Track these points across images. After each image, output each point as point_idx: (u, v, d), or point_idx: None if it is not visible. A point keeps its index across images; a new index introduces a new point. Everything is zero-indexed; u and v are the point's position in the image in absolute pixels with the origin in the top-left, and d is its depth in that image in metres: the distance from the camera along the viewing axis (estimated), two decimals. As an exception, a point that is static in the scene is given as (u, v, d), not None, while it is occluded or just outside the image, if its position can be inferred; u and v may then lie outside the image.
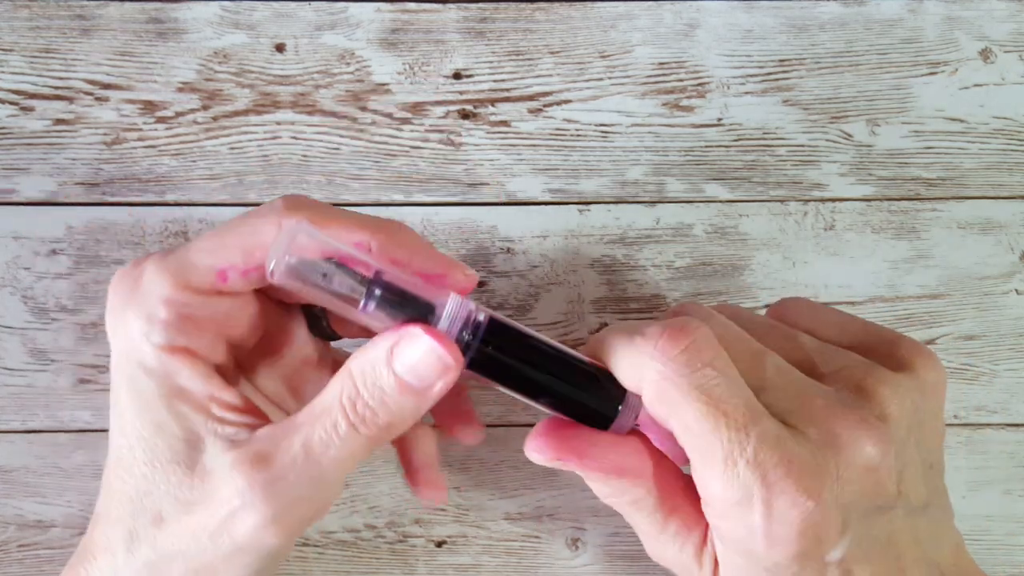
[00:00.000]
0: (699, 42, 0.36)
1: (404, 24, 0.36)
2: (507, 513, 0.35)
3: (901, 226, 0.36)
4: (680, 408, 0.25)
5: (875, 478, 0.26)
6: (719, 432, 0.25)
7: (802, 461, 0.25)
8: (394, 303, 0.25)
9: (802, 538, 0.25)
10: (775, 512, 0.25)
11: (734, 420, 0.25)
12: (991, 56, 0.36)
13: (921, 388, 0.27)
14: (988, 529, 0.36)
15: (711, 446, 0.25)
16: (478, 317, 0.26)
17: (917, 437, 0.27)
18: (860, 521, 0.26)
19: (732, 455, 0.25)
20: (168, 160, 0.35)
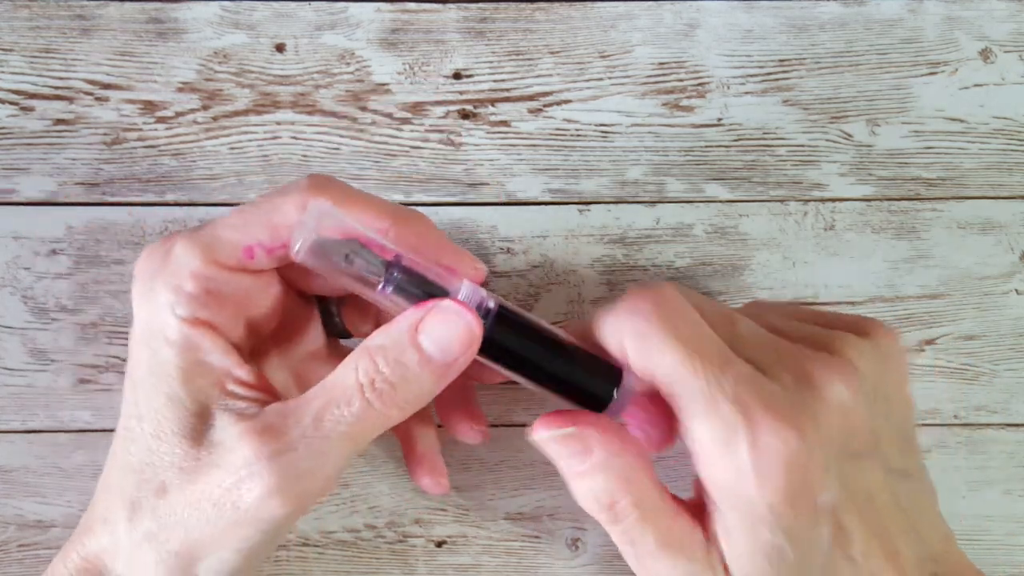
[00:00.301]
0: (699, 42, 0.36)
1: (404, 24, 0.36)
2: (507, 513, 0.35)
3: (901, 226, 0.36)
4: (660, 358, 0.26)
5: (849, 421, 0.27)
6: (698, 375, 0.26)
7: (780, 397, 0.26)
8: (411, 286, 0.26)
9: (789, 472, 0.26)
10: (760, 446, 0.25)
11: (711, 362, 0.26)
12: (991, 56, 0.36)
13: (883, 356, 0.29)
14: (988, 529, 0.36)
15: (693, 390, 0.26)
16: (489, 304, 0.27)
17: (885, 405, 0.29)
18: (841, 464, 0.27)
19: (714, 396, 0.26)
20: (168, 160, 0.35)
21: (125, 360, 0.35)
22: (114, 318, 0.35)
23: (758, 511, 0.26)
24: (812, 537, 0.27)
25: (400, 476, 0.35)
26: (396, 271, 0.26)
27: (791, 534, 0.26)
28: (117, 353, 0.35)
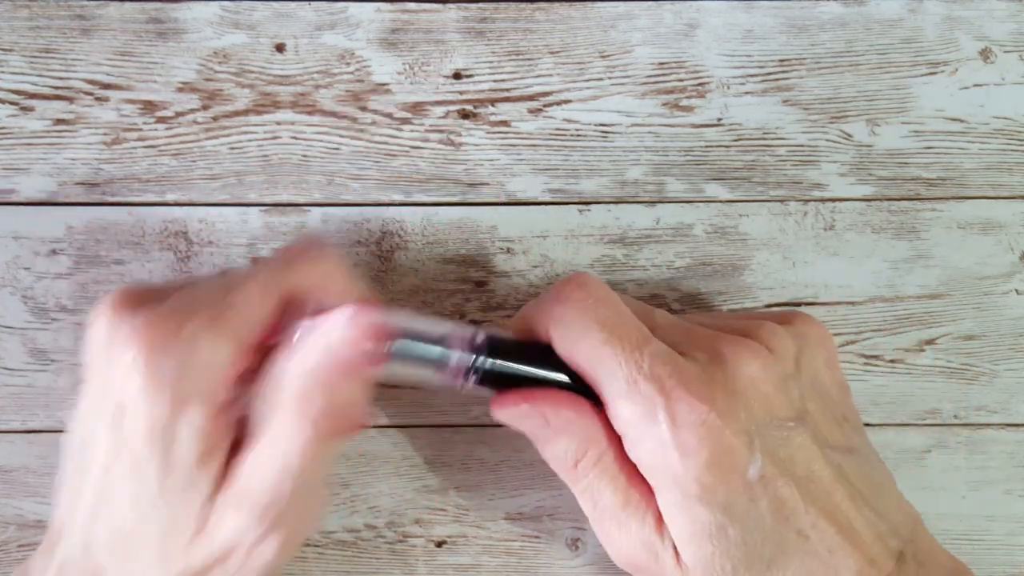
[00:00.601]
0: (699, 42, 0.36)
1: (404, 24, 0.36)
2: (507, 513, 0.36)
3: (901, 226, 0.36)
4: (581, 341, 0.28)
5: (764, 391, 0.28)
6: (617, 355, 0.27)
7: (692, 373, 0.27)
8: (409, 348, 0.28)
9: (708, 442, 0.27)
10: (678, 419, 0.27)
11: (628, 343, 0.27)
12: (991, 56, 0.36)
13: (802, 336, 0.30)
14: (988, 529, 0.36)
15: (613, 370, 0.27)
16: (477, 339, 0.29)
17: (814, 384, 0.30)
18: (765, 435, 0.27)
19: (632, 374, 0.27)
20: (168, 160, 0.35)
21: (125, 360, 0.35)
22: (114, 318, 0.35)
23: (689, 488, 0.27)
24: (751, 512, 0.27)
25: (400, 476, 0.35)
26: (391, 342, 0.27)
27: (728, 510, 0.27)
28: (117, 353, 0.35)
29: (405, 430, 0.35)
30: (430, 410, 0.35)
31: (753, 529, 0.27)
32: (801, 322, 0.31)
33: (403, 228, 0.35)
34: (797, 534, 0.27)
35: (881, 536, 0.28)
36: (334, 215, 0.35)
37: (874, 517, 0.28)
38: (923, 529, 0.30)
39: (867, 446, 0.31)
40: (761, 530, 0.27)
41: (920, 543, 0.29)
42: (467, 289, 0.35)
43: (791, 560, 0.27)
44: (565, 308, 0.28)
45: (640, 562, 0.29)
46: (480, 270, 0.36)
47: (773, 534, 0.27)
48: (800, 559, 0.27)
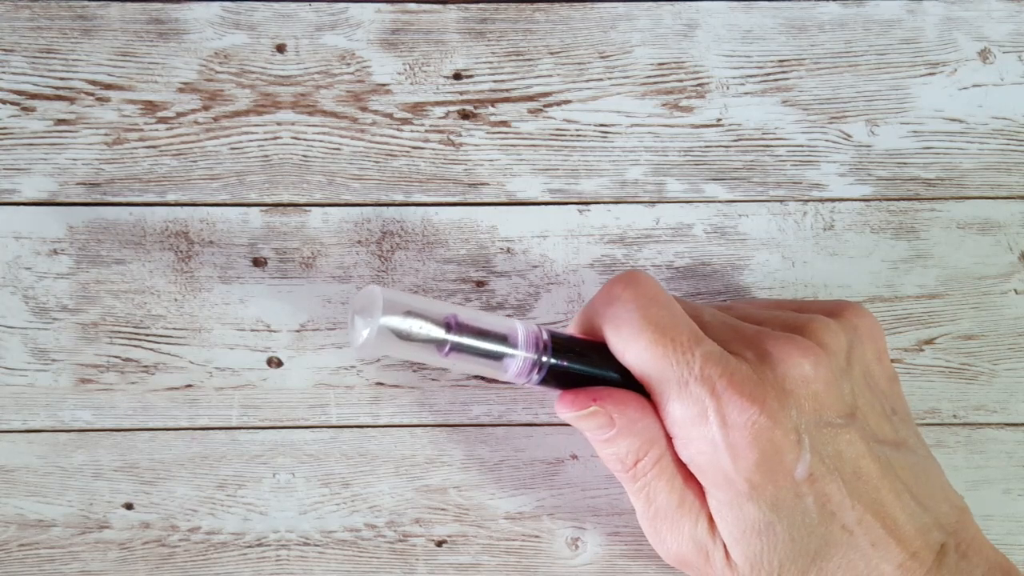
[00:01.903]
0: (698, 42, 0.36)
1: (404, 24, 0.36)
2: (507, 513, 0.36)
3: (900, 226, 0.36)
4: (633, 342, 0.28)
5: (815, 390, 0.28)
6: (668, 356, 0.28)
7: (743, 373, 0.27)
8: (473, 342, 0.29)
9: (758, 443, 0.27)
10: (728, 420, 0.27)
11: (680, 344, 0.28)
12: (990, 56, 0.36)
13: (853, 329, 0.30)
14: (987, 528, 0.36)
15: (664, 371, 0.28)
16: (543, 336, 0.29)
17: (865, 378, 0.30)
18: (814, 433, 0.28)
19: (683, 375, 0.27)
20: (169, 160, 0.35)
21: (126, 360, 0.35)
22: (115, 318, 0.35)
23: (739, 487, 0.27)
24: (798, 508, 0.28)
25: (400, 476, 0.35)
26: (456, 331, 0.28)
27: (776, 507, 0.27)
28: (118, 353, 0.35)
29: (405, 430, 0.35)
30: (430, 410, 0.36)
31: (799, 525, 0.28)
32: (852, 313, 0.31)
33: (403, 228, 0.36)
34: (842, 528, 0.28)
35: (924, 529, 0.28)
36: (334, 215, 0.35)
37: (919, 511, 0.28)
38: (970, 520, 0.30)
39: (915, 436, 0.31)
40: (807, 525, 0.28)
41: (964, 534, 0.29)
42: (467, 289, 0.36)
43: (834, 553, 0.28)
44: (617, 308, 0.28)
45: (691, 560, 0.30)
46: (480, 270, 0.36)
47: (819, 529, 0.28)
48: (843, 553, 0.28)
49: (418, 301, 0.29)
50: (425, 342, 0.28)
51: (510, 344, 0.29)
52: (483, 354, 0.29)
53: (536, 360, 0.29)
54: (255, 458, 0.35)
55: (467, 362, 0.29)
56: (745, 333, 0.29)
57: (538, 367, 0.29)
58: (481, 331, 0.29)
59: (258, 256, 0.35)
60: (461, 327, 0.28)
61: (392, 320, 0.27)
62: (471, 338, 0.29)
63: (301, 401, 0.35)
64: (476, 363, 0.29)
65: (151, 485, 0.35)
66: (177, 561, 0.35)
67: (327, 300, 0.35)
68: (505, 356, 0.29)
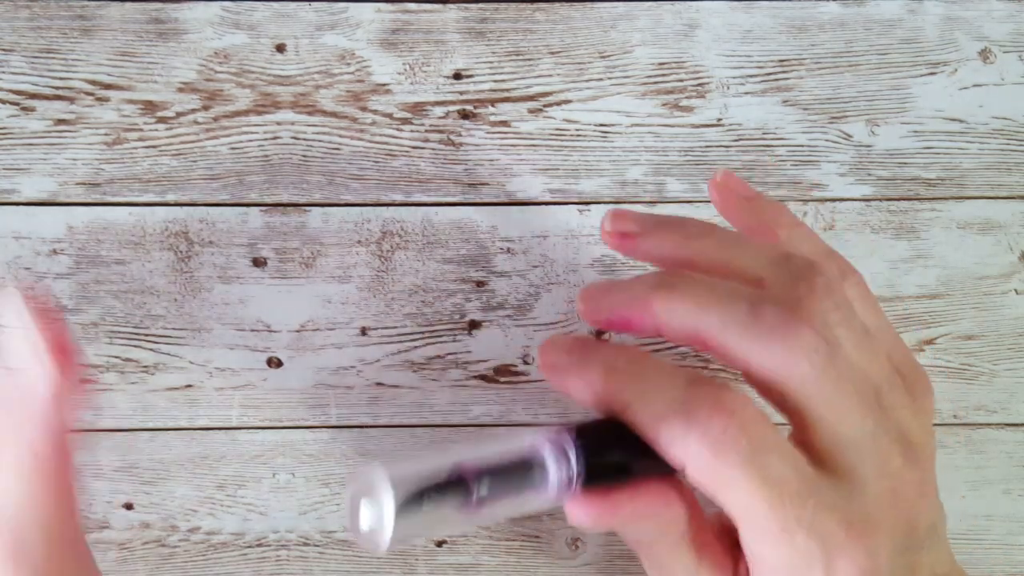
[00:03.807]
0: (699, 42, 0.36)
1: (404, 24, 0.36)
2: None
3: (900, 226, 0.36)
4: (730, 490, 0.24)
5: (913, 523, 0.26)
6: (775, 510, 0.24)
7: (862, 518, 0.25)
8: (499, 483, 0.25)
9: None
10: (836, 572, 0.25)
11: (791, 497, 0.24)
12: (990, 56, 0.36)
13: (931, 423, 0.28)
14: (987, 529, 0.36)
15: (767, 521, 0.24)
16: (569, 442, 0.25)
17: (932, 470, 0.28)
18: (899, 560, 0.26)
19: (788, 527, 0.24)
20: (168, 160, 0.35)
21: (126, 360, 0.35)
22: (114, 318, 0.35)
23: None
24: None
25: (400, 476, 0.35)
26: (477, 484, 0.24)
27: None
28: (118, 353, 0.35)
29: (405, 430, 0.35)
30: (430, 410, 0.36)
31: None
32: (931, 404, 0.28)
33: (403, 228, 0.36)
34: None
35: None
36: (334, 215, 0.35)
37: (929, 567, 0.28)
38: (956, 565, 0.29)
39: (938, 504, 0.29)
40: None
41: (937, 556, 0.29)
42: (467, 289, 0.36)
43: None
44: (711, 453, 0.24)
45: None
46: (480, 270, 0.36)
47: None
48: None
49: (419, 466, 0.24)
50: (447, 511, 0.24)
51: (536, 467, 0.25)
52: (514, 491, 0.25)
53: (571, 474, 0.25)
54: (255, 458, 0.35)
55: (500, 508, 0.25)
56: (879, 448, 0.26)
57: (576, 478, 0.25)
58: (501, 468, 0.25)
59: (258, 256, 0.35)
60: (478, 474, 0.24)
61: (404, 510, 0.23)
62: (495, 482, 0.24)
63: (301, 401, 0.35)
64: (510, 505, 0.25)
65: (151, 485, 0.35)
66: (177, 561, 0.35)
67: (327, 300, 0.35)
68: (537, 482, 0.25)
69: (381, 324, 0.35)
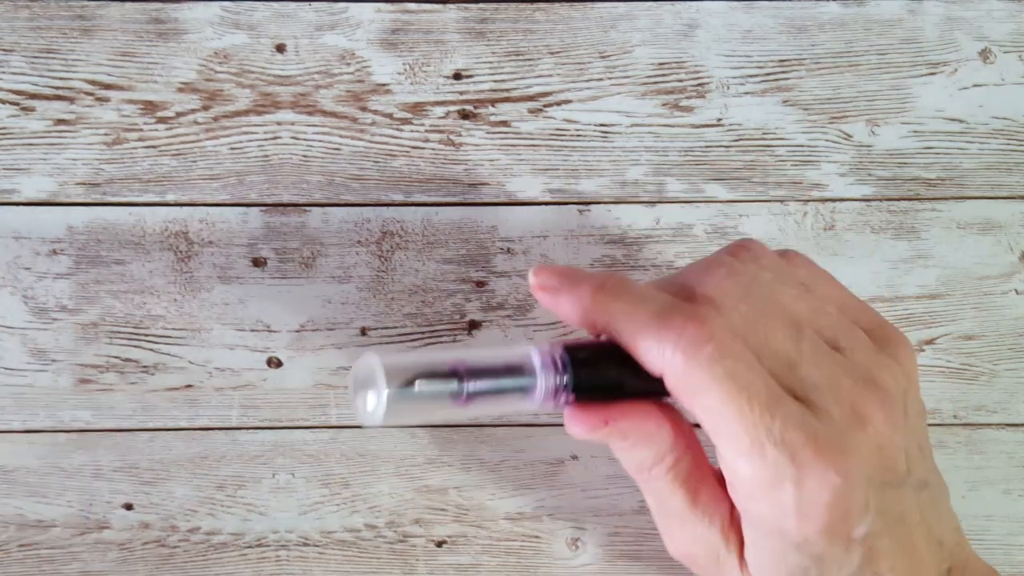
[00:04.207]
0: (699, 42, 0.36)
1: (404, 24, 0.36)
2: (507, 513, 0.35)
3: (901, 226, 0.36)
4: (703, 396, 0.26)
5: (887, 455, 0.27)
6: (744, 416, 0.25)
7: (826, 438, 0.26)
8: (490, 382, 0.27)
9: (830, 511, 0.26)
10: (806, 490, 0.25)
11: (759, 403, 0.25)
12: (991, 56, 0.36)
13: (907, 375, 0.29)
14: (988, 529, 0.36)
15: (737, 430, 0.25)
16: (559, 355, 0.27)
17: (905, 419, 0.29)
18: (878, 496, 0.27)
19: (759, 437, 0.25)
20: (168, 160, 0.35)
21: (126, 360, 0.35)
22: (114, 318, 0.35)
23: (792, 539, 0.26)
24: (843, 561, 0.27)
25: (400, 476, 0.35)
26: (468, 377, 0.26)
27: (820, 560, 0.27)
28: (117, 353, 0.35)
29: (405, 430, 0.35)
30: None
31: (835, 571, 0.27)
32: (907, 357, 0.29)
33: (403, 228, 0.35)
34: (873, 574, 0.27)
35: (940, 562, 0.28)
36: (334, 215, 0.35)
37: (937, 547, 0.28)
38: (963, 538, 0.30)
39: (934, 469, 0.30)
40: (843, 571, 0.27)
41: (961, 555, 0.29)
42: (467, 289, 0.36)
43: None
44: (687, 359, 0.26)
45: (699, 560, 0.29)
46: (480, 270, 0.36)
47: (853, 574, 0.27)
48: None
49: (420, 358, 0.26)
50: (439, 399, 0.26)
51: (527, 374, 0.27)
52: (503, 392, 0.27)
53: (558, 384, 0.27)
54: (255, 458, 0.35)
55: (488, 406, 0.27)
56: (839, 382, 0.27)
57: (562, 389, 0.27)
58: (494, 369, 0.27)
59: (258, 256, 0.35)
60: (472, 372, 0.26)
61: (399, 388, 0.26)
62: (486, 380, 0.27)
63: (301, 401, 0.35)
64: (498, 404, 0.27)
65: (151, 485, 0.35)
66: (177, 562, 0.35)
67: (327, 300, 0.35)
68: (526, 388, 0.27)
69: (381, 324, 0.35)
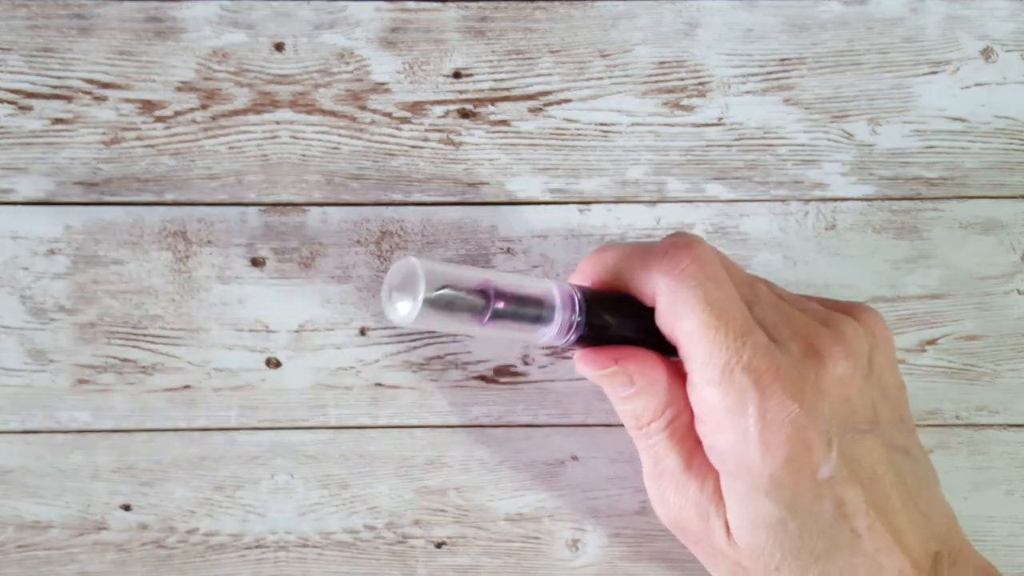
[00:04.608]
0: (700, 41, 0.36)
1: (403, 23, 0.36)
2: (507, 514, 0.35)
3: (902, 226, 0.36)
4: (686, 317, 0.27)
5: (848, 393, 0.28)
6: (719, 340, 0.27)
7: (787, 369, 0.27)
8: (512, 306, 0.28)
9: (791, 442, 0.27)
10: (768, 416, 0.27)
11: (733, 329, 0.27)
12: (993, 55, 0.36)
13: (872, 336, 0.30)
14: (990, 530, 0.36)
15: (711, 353, 0.27)
16: (577, 296, 0.29)
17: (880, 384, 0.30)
18: (841, 437, 0.28)
19: (730, 362, 0.27)
20: (167, 159, 0.35)
21: (124, 360, 0.35)
22: (112, 318, 0.35)
23: (760, 480, 0.27)
24: (813, 509, 0.28)
25: (399, 477, 0.35)
26: (495, 299, 0.28)
27: (792, 506, 0.27)
28: (116, 353, 0.35)
29: (404, 431, 0.35)
30: (430, 410, 0.35)
31: (812, 524, 0.28)
32: (871, 319, 0.30)
33: (403, 228, 0.35)
34: (851, 532, 0.28)
35: (924, 538, 0.29)
36: (333, 215, 0.35)
37: (921, 520, 0.29)
38: (958, 527, 0.30)
39: (918, 446, 0.31)
40: (818, 526, 0.28)
41: (954, 542, 0.30)
42: (467, 289, 0.35)
43: (839, 555, 0.28)
44: (676, 282, 0.28)
45: (689, 525, 0.30)
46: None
47: (829, 530, 0.28)
48: (848, 555, 0.28)
49: (454, 271, 0.28)
50: (464, 312, 0.27)
51: (547, 307, 0.28)
52: (521, 319, 0.28)
53: (571, 321, 0.29)
54: (253, 459, 0.35)
55: (505, 329, 0.28)
56: (792, 320, 0.29)
57: (573, 327, 0.29)
58: (518, 296, 0.28)
59: (256, 256, 0.35)
60: (499, 294, 0.28)
61: (432, 296, 0.27)
62: (509, 305, 0.28)
63: (300, 402, 0.35)
64: (514, 329, 0.28)
65: (149, 486, 0.35)
66: (175, 563, 0.35)
67: (326, 300, 0.35)
68: (542, 319, 0.28)
69: (380, 324, 0.35)
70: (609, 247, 0.30)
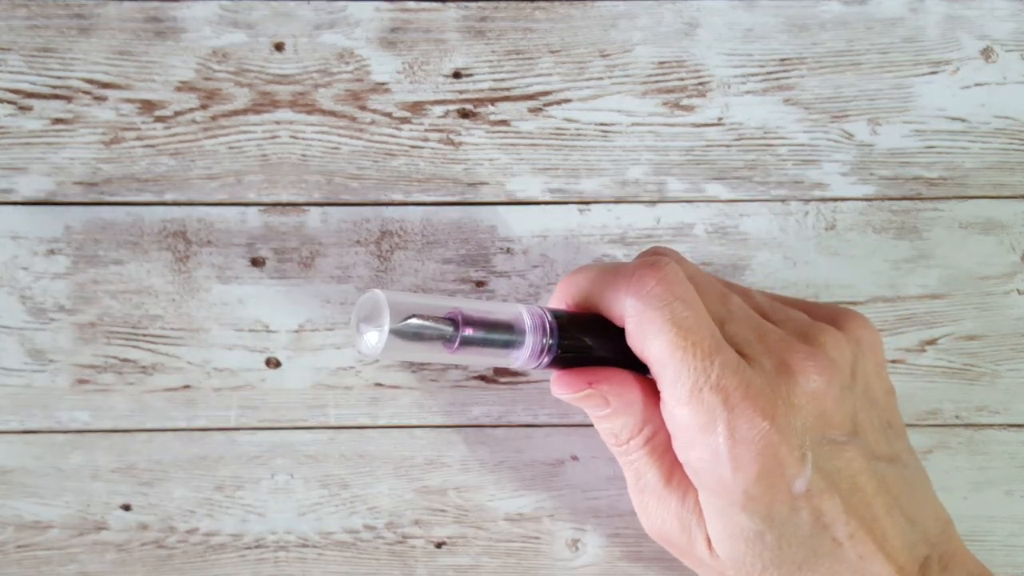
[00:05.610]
0: (700, 41, 0.36)
1: (403, 23, 0.36)
2: (507, 514, 0.35)
3: (902, 226, 0.36)
4: (654, 339, 0.28)
5: (823, 407, 0.28)
6: (687, 360, 0.27)
7: (758, 386, 0.27)
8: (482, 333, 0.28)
9: (762, 458, 0.27)
10: (737, 433, 0.27)
11: (701, 349, 0.27)
12: (993, 55, 0.36)
13: (857, 343, 0.30)
14: (990, 530, 0.36)
15: (680, 373, 0.27)
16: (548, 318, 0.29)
17: (866, 392, 0.30)
18: (816, 450, 0.28)
19: (698, 382, 0.27)
20: (167, 159, 0.35)
21: (124, 360, 0.35)
22: (112, 318, 0.35)
23: (734, 496, 0.28)
24: (791, 521, 0.28)
25: (399, 477, 0.35)
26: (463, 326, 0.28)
27: (768, 519, 0.28)
28: (115, 353, 0.35)
29: (404, 431, 0.35)
30: (430, 410, 0.35)
31: (790, 535, 0.28)
32: (856, 325, 0.31)
33: (403, 228, 0.35)
34: (832, 541, 0.28)
35: (911, 544, 0.29)
36: (333, 215, 0.35)
37: (907, 526, 0.29)
38: (953, 532, 0.30)
39: (908, 451, 0.31)
40: (798, 536, 0.28)
41: (947, 546, 0.30)
42: (467, 289, 0.35)
43: (821, 564, 0.28)
44: (642, 304, 0.28)
45: (673, 538, 0.30)
46: (480, 270, 0.35)
47: (809, 540, 0.28)
48: (830, 564, 0.28)
49: (421, 300, 0.28)
50: (433, 341, 0.28)
51: (517, 332, 0.29)
52: (492, 344, 0.28)
53: (543, 344, 0.29)
54: (253, 459, 0.35)
55: (475, 355, 0.29)
56: (766, 336, 0.29)
57: (546, 349, 0.29)
58: (487, 322, 0.28)
59: (256, 256, 0.35)
60: (467, 321, 0.28)
61: (399, 326, 0.27)
62: (478, 331, 0.28)
63: (300, 402, 0.35)
64: (485, 355, 0.29)
65: (149, 486, 0.35)
66: (175, 563, 0.35)
67: (326, 300, 0.35)
68: (514, 344, 0.29)
69: (380, 324, 0.35)
70: (584, 268, 0.30)
